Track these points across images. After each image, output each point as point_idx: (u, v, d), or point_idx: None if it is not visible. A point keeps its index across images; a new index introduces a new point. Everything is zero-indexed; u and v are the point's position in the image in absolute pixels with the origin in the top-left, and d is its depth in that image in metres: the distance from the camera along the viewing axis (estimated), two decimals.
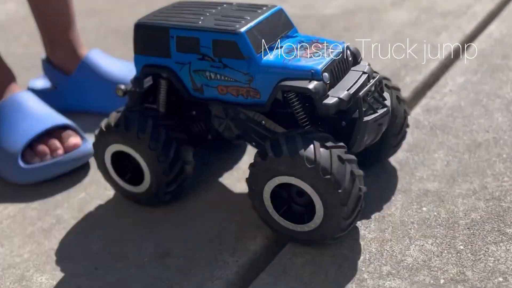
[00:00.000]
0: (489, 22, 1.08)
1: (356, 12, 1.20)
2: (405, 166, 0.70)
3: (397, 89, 0.67)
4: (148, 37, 0.63)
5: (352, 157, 0.56)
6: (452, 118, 0.79)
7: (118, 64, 0.90)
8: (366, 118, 0.57)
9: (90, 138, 0.79)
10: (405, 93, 0.85)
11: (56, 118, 0.79)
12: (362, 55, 0.64)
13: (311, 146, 0.54)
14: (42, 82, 0.97)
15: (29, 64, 1.15)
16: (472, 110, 0.80)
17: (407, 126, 0.68)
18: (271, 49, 0.61)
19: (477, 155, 0.71)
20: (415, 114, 0.81)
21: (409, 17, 1.14)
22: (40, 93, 0.94)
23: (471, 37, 1.03)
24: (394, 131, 0.66)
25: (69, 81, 0.91)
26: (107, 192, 0.73)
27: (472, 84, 0.86)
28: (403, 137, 0.68)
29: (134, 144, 0.64)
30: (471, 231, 0.59)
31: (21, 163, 0.75)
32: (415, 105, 0.83)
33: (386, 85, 0.66)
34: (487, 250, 0.56)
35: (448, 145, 0.73)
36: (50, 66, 0.93)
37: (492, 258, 0.55)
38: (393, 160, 0.72)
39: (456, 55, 0.97)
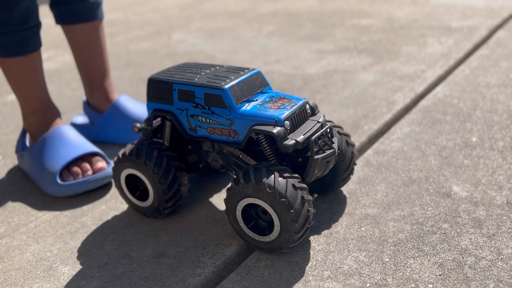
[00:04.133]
0: (437, 85, 1.13)
1: (333, 73, 1.26)
2: (353, 195, 0.75)
3: (347, 135, 0.72)
4: (158, 89, 0.69)
5: (304, 185, 0.60)
6: (395, 159, 0.83)
7: (140, 107, 0.97)
8: (316, 157, 0.62)
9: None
10: (362, 138, 0.90)
11: (88, 147, 0.85)
12: (333, 107, 0.68)
13: (272, 176, 0.59)
14: (82, 118, 1.04)
15: (75, 104, 1.22)
16: (412, 154, 0.84)
17: (355, 164, 0.72)
18: (248, 101, 0.66)
19: (410, 189, 0.75)
20: (367, 155, 0.85)
21: (374, 79, 1.20)
22: (80, 127, 1.01)
23: (421, 96, 1.08)
24: (343, 167, 0.70)
25: (102, 118, 0.97)
26: (122, 206, 0.78)
27: (415, 134, 0.91)
28: (351, 172, 0.73)
29: (142, 169, 0.69)
30: (396, 247, 0.63)
31: (59, 180, 0.81)
32: (368, 148, 0.88)
33: (338, 132, 0.71)
34: (406, 262, 0.60)
35: (389, 180, 0.78)
36: (88, 106, 0.99)
37: (409, 269, 0.59)
38: (345, 190, 0.76)
39: (407, 109, 1.02)
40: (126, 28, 2.00)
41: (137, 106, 0.97)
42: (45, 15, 1.36)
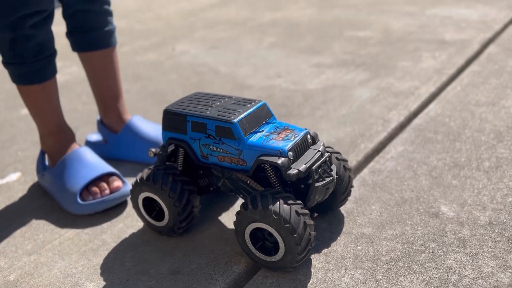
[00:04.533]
0: (429, 102, 1.20)
1: (332, 89, 1.33)
2: (350, 215, 0.82)
3: (345, 160, 0.78)
4: (172, 120, 0.76)
5: (306, 211, 0.67)
6: (389, 179, 0.90)
7: (151, 127, 1.03)
8: (317, 184, 0.69)
9: (129, 182, 0.92)
10: (359, 157, 0.97)
11: (105, 167, 0.92)
12: (332, 125, 0.74)
13: (278, 203, 0.66)
14: (96, 136, 1.10)
15: (87, 119, 1.29)
16: (404, 173, 0.91)
17: (352, 186, 0.79)
18: (255, 132, 0.73)
19: (402, 208, 0.82)
20: (363, 174, 0.92)
21: (370, 95, 1.26)
22: (95, 145, 1.07)
23: (414, 114, 1.15)
24: (341, 190, 0.78)
25: (116, 138, 1.04)
26: (139, 224, 0.85)
27: (408, 153, 0.98)
28: (348, 194, 0.80)
29: (158, 193, 0.76)
30: (389, 265, 0.70)
31: (79, 200, 0.87)
32: (365, 167, 0.95)
33: (336, 157, 0.78)
34: (397, 280, 0.67)
35: (383, 200, 0.85)
36: (102, 125, 1.06)
37: (400, 287, 0.66)
38: (343, 209, 0.83)
39: (401, 128, 1.09)
40: (131, 38, 2.06)
41: (148, 126, 1.04)
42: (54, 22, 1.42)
